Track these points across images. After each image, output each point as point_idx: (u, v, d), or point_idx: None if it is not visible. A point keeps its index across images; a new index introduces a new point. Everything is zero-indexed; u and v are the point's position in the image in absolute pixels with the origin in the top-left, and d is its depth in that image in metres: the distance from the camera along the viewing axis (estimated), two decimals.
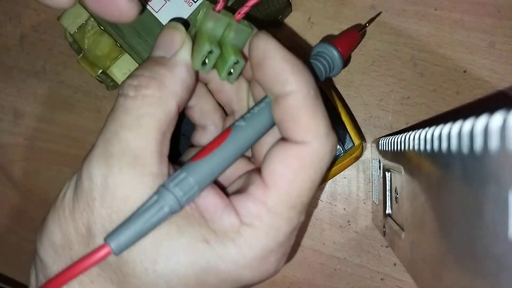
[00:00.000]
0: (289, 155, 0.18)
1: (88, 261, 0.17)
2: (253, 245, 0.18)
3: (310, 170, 0.18)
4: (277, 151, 0.19)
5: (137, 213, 0.18)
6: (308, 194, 0.19)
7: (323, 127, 0.18)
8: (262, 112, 0.19)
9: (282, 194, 0.18)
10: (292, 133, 0.18)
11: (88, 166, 0.18)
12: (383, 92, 0.32)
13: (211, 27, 0.19)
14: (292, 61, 0.18)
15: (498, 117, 0.10)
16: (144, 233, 0.18)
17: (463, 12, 0.30)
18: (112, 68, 0.30)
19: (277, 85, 0.18)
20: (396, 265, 0.31)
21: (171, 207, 0.18)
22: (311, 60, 0.22)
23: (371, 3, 0.32)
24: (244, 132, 0.19)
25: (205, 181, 0.19)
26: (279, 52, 0.18)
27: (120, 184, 0.18)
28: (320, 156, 0.18)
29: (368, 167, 0.32)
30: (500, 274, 0.11)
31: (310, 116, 0.18)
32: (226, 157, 0.19)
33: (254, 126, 0.19)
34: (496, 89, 0.30)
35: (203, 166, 0.18)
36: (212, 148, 0.19)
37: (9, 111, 0.39)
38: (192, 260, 0.18)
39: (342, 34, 0.25)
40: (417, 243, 0.19)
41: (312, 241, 0.33)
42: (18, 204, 0.39)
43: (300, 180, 0.18)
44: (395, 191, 0.25)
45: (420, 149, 0.17)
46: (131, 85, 0.19)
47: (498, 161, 0.10)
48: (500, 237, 0.10)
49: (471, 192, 0.12)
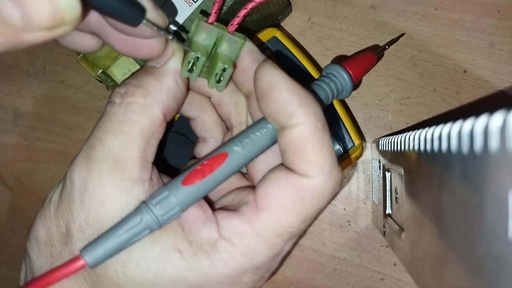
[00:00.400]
0: (289, 183, 0.18)
1: (62, 271, 0.18)
2: (227, 262, 0.18)
3: (307, 204, 0.18)
4: (277, 176, 0.18)
5: (115, 230, 0.18)
6: (300, 226, 0.18)
7: (328, 162, 0.18)
8: (261, 139, 0.19)
9: (272, 220, 0.18)
10: (296, 165, 0.18)
11: (71, 169, 0.19)
12: (383, 92, 0.32)
13: (203, 38, 0.20)
14: (299, 92, 0.18)
15: (498, 117, 0.10)
16: (120, 249, 0.18)
17: (463, 12, 0.30)
18: (112, 68, 0.30)
19: (284, 117, 0.18)
20: (396, 265, 0.31)
21: (151, 227, 0.18)
22: (318, 81, 0.21)
23: (371, 3, 0.32)
24: (240, 159, 0.19)
25: (188, 203, 0.19)
26: (285, 83, 0.18)
27: (98, 187, 0.18)
28: (321, 191, 0.18)
29: (368, 167, 0.32)
30: (500, 274, 0.11)
31: (316, 149, 0.18)
32: (216, 182, 0.19)
33: (251, 152, 0.19)
34: (496, 89, 0.30)
35: (192, 191, 0.18)
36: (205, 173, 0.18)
37: (9, 111, 0.39)
38: (162, 269, 0.18)
39: (357, 56, 0.24)
40: (417, 243, 0.19)
41: (312, 241, 0.33)
42: (18, 203, 0.39)
43: (294, 211, 0.18)
44: (395, 191, 0.25)
45: (420, 149, 0.17)
46: (118, 92, 0.19)
47: (498, 161, 0.10)
48: (500, 237, 0.10)
49: (471, 192, 0.12)
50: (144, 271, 0.18)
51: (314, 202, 0.18)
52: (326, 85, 0.21)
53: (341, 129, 0.28)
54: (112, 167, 0.18)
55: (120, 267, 0.18)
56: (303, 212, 0.18)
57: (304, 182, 0.18)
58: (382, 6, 0.32)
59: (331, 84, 0.21)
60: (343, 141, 0.28)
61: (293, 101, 0.17)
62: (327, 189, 0.18)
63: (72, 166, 0.19)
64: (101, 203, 0.18)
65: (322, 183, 0.18)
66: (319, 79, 0.22)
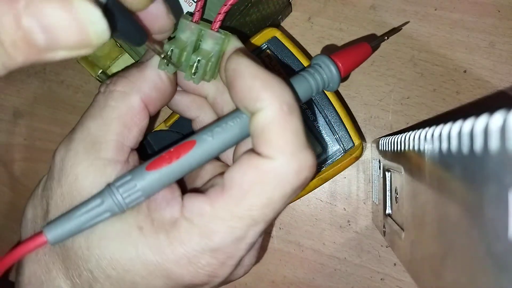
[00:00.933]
0: (251, 165, 0.18)
1: (26, 247, 0.19)
2: (184, 241, 0.18)
3: (267, 186, 0.18)
4: (242, 159, 0.18)
5: (76, 210, 0.19)
6: (263, 211, 0.18)
7: (291, 144, 0.17)
8: (233, 128, 0.19)
9: (231, 202, 0.18)
10: (260, 147, 0.18)
11: (55, 151, 0.21)
12: (383, 92, 0.32)
13: (187, 35, 0.21)
14: (262, 77, 0.18)
15: (498, 117, 0.10)
16: (80, 229, 0.19)
17: (463, 12, 0.30)
18: (112, 68, 0.30)
19: (249, 103, 0.18)
20: (396, 265, 0.31)
21: (112, 210, 0.18)
22: (303, 72, 0.21)
23: (371, 3, 0.32)
24: (209, 148, 0.19)
25: (153, 191, 0.19)
26: (249, 69, 0.18)
27: (73, 165, 0.19)
28: (282, 173, 0.18)
29: (368, 167, 0.32)
30: (500, 274, 0.11)
31: (279, 131, 0.17)
32: (182, 169, 0.19)
33: (222, 141, 0.19)
34: (496, 89, 0.30)
35: (156, 177, 0.18)
36: (171, 159, 0.18)
37: (9, 111, 0.39)
38: (122, 246, 0.19)
39: (350, 47, 0.23)
40: (417, 243, 0.19)
41: (312, 241, 0.33)
42: (18, 204, 0.39)
43: (254, 193, 0.18)
44: (395, 191, 0.25)
45: (420, 149, 0.17)
46: (105, 83, 0.21)
47: (498, 161, 0.10)
48: (500, 237, 0.10)
49: (471, 192, 0.12)
50: (104, 247, 0.19)
51: (275, 185, 0.18)
52: (311, 76, 0.21)
53: (341, 129, 0.28)
54: (88, 147, 0.20)
55: (84, 242, 0.19)
56: (263, 195, 0.18)
57: (264, 164, 0.18)
58: (382, 6, 0.32)
59: (315, 76, 0.21)
60: (343, 141, 0.28)
61: (256, 86, 0.18)
62: (289, 172, 0.18)
63: (57, 148, 0.21)
64: (74, 180, 0.19)
65: (282, 165, 0.17)
66: (304, 69, 0.21)
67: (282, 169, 0.17)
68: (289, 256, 0.33)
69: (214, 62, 0.21)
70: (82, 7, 0.13)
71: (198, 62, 0.20)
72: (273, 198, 0.18)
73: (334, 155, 0.28)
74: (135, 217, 0.19)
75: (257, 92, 0.18)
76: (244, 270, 0.22)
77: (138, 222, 0.19)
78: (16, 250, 0.19)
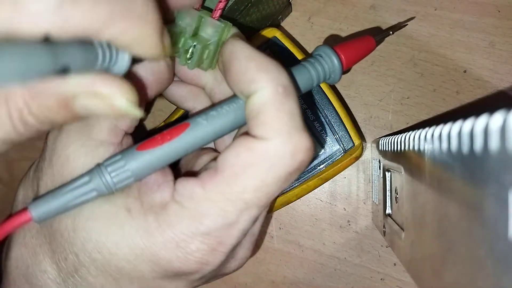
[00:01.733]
0: (244, 147, 0.17)
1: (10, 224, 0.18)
2: (173, 224, 0.18)
3: (261, 168, 0.17)
4: (236, 141, 0.18)
5: (62, 188, 0.18)
6: (256, 195, 0.17)
7: (286, 126, 0.17)
8: (229, 113, 0.18)
9: (223, 184, 0.17)
10: (254, 129, 0.17)
11: (47, 133, 0.21)
12: (383, 92, 0.32)
13: (187, 22, 0.21)
14: (258, 58, 0.17)
15: (498, 117, 0.10)
16: (67, 209, 0.18)
17: (463, 12, 0.30)
18: None
19: (245, 85, 0.17)
20: (396, 265, 0.31)
21: (99, 189, 0.18)
22: (304, 62, 0.20)
23: (371, 3, 0.32)
24: (202, 131, 0.18)
25: (143, 173, 0.18)
26: (244, 51, 0.18)
27: (65, 146, 0.19)
28: (276, 155, 0.17)
29: (368, 167, 0.32)
30: (500, 274, 0.10)
31: (273, 113, 0.17)
32: (174, 152, 0.18)
33: (217, 125, 0.18)
34: (496, 89, 0.30)
35: (146, 158, 0.18)
36: (163, 140, 0.18)
37: None
38: (109, 228, 0.18)
39: (354, 39, 0.22)
40: (417, 243, 0.19)
41: (312, 241, 0.33)
42: None
43: (246, 175, 0.17)
44: (395, 191, 0.25)
45: (420, 149, 0.17)
46: None
47: (498, 161, 0.10)
48: (500, 237, 0.10)
49: (471, 192, 0.12)
50: (90, 229, 0.18)
51: (268, 167, 0.17)
52: (311, 66, 0.20)
53: (341, 129, 0.28)
54: (80, 128, 0.19)
55: (70, 223, 0.18)
56: (256, 177, 0.17)
57: (257, 145, 0.17)
58: (382, 6, 0.32)
59: (317, 66, 0.20)
60: (343, 141, 0.28)
61: (251, 68, 0.17)
62: (283, 153, 0.17)
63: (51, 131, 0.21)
64: (65, 160, 0.19)
65: (276, 146, 0.17)
66: (306, 59, 0.21)
67: (277, 151, 0.17)
68: (289, 256, 0.33)
69: (212, 50, 0.21)
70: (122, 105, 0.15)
71: (194, 47, 0.20)
72: (266, 180, 0.17)
73: (334, 155, 0.28)
74: (124, 199, 0.18)
75: (252, 74, 0.17)
76: (238, 263, 0.21)
77: (127, 204, 0.18)
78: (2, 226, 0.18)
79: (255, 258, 0.33)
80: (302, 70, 0.20)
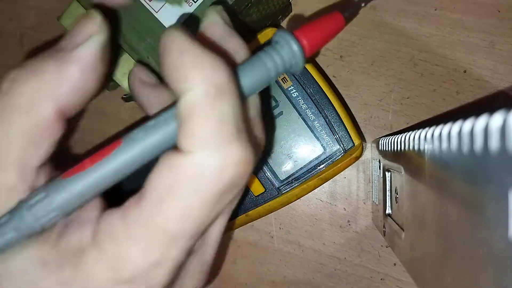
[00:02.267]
0: (166, 164, 0.14)
1: None
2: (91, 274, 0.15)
3: (184, 190, 0.14)
4: (161, 157, 0.15)
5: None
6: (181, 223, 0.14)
7: (216, 135, 0.14)
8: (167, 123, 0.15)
9: (145, 214, 0.14)
10: (180, 139, 0.14)
11: None
12: (383, 92, 0.32)
13: None
14: (192, 52, 0.14)
15: (498, 117, 0.10)
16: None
17: (463, 12, 0.30)
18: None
19: (176, 84, 0.15)
20: (396, 265, 0.31)
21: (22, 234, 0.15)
22: (260, 52, 0.17)
23: (371, 3, 0.32)
24: (138, 147, 0.15)
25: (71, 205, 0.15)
26: (178, 44, 0.15)
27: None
28: (202, 172, 0.14)
29: (368, 167, 0.32)
30: (500, 274, 0.10)
31: (201, 118, 0.14)
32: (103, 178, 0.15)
33: (154, 139, 0.15)
34: (496, 89, 0.30)
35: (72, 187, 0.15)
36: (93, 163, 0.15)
37: None
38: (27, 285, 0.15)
39: (317, 19, 0.19)
40: (417, 243, 0.19)
41: (312, 241, 0.33)
42: None
43: (169, 201, 0.14)
44: (395, 191, 0.25)
45: (420, 149, 0.17)
46: (8, 76, 0.16)
47: (498, 161, 0.10)
48: (500, 237, 0.10)
49: (471, 192, 0.12)
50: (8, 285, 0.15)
51: (192, 188, 0.14)
52: (267, 56, 0.17)
53: (341, 129, 0.28)
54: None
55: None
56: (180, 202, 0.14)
57: (182, 161, 0.14)
58: (382, 6, 0.32)
59: (274, 56, 0.17)
60: (343, 141, 0.28)
61: (184, 63, 0.14)
62: (209, 169, 0.14)
63: None
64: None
65: (201, 161, 0.14)
66: (262, 49, 0.17)
67: (201, 166, 0.14)
68: (289, 256, 0.33)
69: None
70: None
71: None
72: (192, 206, 0.14)
73: (334, 155, 0.28)
74: (40, 248, 0.15)
75: (185, 71, 0.14)
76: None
77: (42, 256, 0.15)
78: None
79: (255, 258, 0.33)
80: (256, 62, 0.17)
